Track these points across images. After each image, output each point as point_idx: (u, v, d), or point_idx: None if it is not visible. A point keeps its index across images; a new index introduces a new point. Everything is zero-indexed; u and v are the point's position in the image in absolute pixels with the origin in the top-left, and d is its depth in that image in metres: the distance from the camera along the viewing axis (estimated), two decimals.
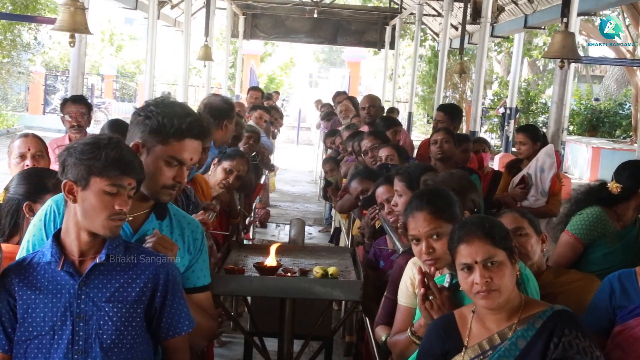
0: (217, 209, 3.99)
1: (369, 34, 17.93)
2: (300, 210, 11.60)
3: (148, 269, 2.19)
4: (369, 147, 5.53)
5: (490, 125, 21.78)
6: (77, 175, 2.12)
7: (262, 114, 8.01)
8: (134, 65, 31.60)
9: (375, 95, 7.67)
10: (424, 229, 2.62)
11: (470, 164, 5.82)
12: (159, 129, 2.30)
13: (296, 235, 4.77)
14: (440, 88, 11.64)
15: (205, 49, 11.04)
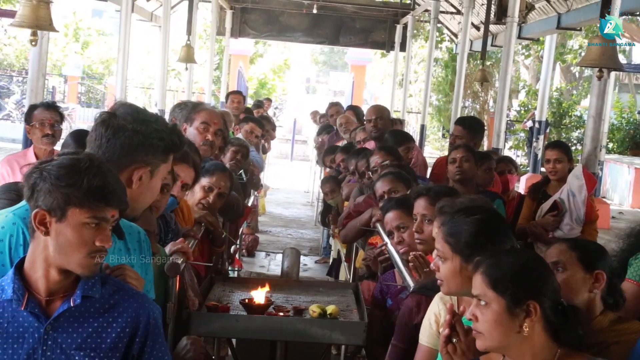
0: (198, 235, 4.01)
1: (377, 34, 18.03)
2: (294, 237, 11.59)
3: (127, 310, 2.18)
4: (379, 164, 5.55)
5: (516, 141, 21.86)
6: (52, 204, 2.07)
7: (254, 128, 8.03)
8: (103, 65, 31.70)
9: (382, 105, 7.71)
10: (436, 246, 2.77)
11: (493, 186, 5.85)
12: (170, 148, 2.51)
13: (290, 266, 4.77)
14: (459, 97, 11.71)
15: (187, 49, 11.10)
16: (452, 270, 2.70)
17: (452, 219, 2.75)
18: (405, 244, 3.89)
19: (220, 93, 18.46)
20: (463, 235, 2.69)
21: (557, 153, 5.78)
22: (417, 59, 24.89)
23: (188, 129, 4.89)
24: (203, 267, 4.32)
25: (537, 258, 2.44)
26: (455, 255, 2.69)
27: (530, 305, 2.28)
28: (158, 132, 2.45)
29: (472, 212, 2.77)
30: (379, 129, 6.81)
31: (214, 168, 4.62)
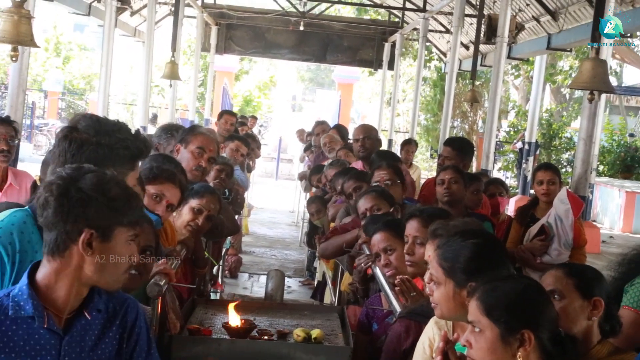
0: (181, 256, 4.00)
1: (364, 52, 18.14)
2: (279, 258, 11.58)
3: (125, 316, 2.30)
4: (352, 190, 5.58)
5: (505, 162, 21.98)
6: (100, 224, 2.12)
7: (239, 146, 8.03)
8: (84, 80, 31.69)
9: (370, 125, 7.74)
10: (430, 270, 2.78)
11: (482, 208, 5.88)
12: (137, 156, 2.56)
13: (274, 289, 4.76)
14: (447, 117, 11.77)
15: (171, 65, 11.12)
16: (444, 295, 2.70)
17: (448, 243, 2.75)
18: (393, 266, 3.89)
19: (205, 110, 18.48)
20: (458, 260, 2.69)
21: (550, 174, 5.81)
22: (406, 78, 25.00)
23: (182, 150, 4.90)
24: (185, 288, 4.31)
25: (535, 286, 2.41)
26: (448, 280, 2.69)
27: (524, 334, 2.27)
28: (123, 142, 2.46)
29: (468, 235, 2.76)
30: (366, 149, 6.82)
31: (204, 190, 4.63)
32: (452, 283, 2.67)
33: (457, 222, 3.06)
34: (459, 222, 3.10)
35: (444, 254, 2.72)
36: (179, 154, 4.94)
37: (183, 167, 4.60)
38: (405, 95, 25.65)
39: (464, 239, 2.73)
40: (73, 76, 31.80)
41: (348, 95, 26.89)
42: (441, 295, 2.70)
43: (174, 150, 5.02)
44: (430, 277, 2.79)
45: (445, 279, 2.69)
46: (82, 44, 34.61)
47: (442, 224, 2.98)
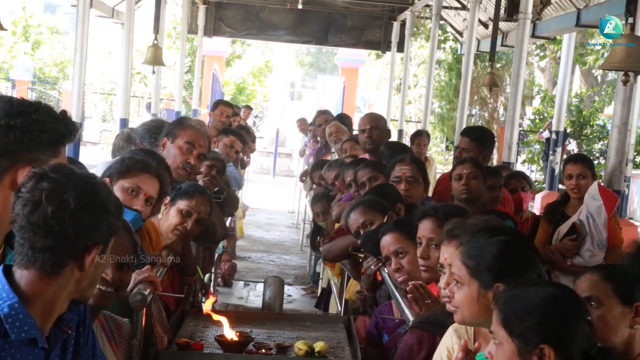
0: (168, 263, 4.01)
1: (371, 32, 18.12)
2: (277, 264, 11.59)
3: (81, 322, 2.35)
4: (366, 179, 5.59)
5: (530, 155, 21.97)
6: (103, 237, 2.20)
7: (234, 141, 8.04)
8: (57, 68, 31.68)
9: (378, 114, 7.74)
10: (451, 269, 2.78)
11: (504, 205, 5.89)
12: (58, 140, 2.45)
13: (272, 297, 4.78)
14: (464, 104, 11.76)
15: (154, 50, 11.11)
16: (468, 297, 2.70)
17: (473, 239, 2.75)
18: (404, 271, 3.90)
19: (192, 99, 18.46)
20: (485, 257, 2.69)
21: (580, 167, 5.82)
22: (417, 61, 24.98)
23: (168, 145, 4.92)
24: (173, 299, 4.32)
25: (561, 295, 2.36)
26: (473, 279, 2.69)
27: (544, 350, 2.26)
28: (39, 124, 2.37)
29: (496, 232, 2.77)
30: (374, 140, 6.82)
31: (193, 190, 4.64)
32: (477, 283, 2.68)
33: (475, 221, 3.06)
34: (477, 220, 3.11)
35: (469, 251, 2.72)
36: (165, 149, 4.95)
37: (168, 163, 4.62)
38: (417, 80, 25.64)
39: (490, 235, 2.73)
40: (44, 63, 31.78)
41: (353, 81, 26.86)
42: (464, 296, 2.70)
43: (159, 145, 5.03)
44: (449, 279, 2.80)
45: (469, 278, 2.69)
46: (54, 26, 34.55)
47: (459, 223, 2.99)
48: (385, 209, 4.82)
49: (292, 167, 23.66)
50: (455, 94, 21.40)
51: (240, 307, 8.55)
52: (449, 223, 3.06)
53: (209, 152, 5.32)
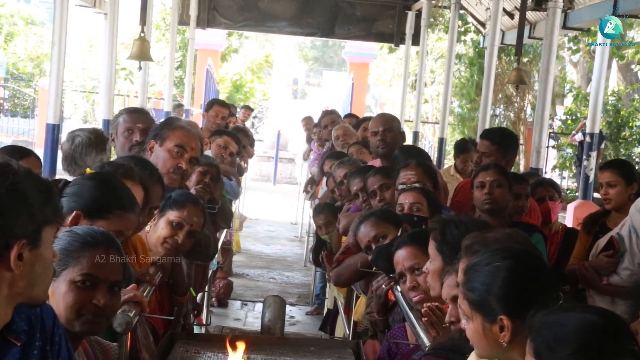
0: (155, 281, 4.02)
1: (382, 23, 18.12)
2: (278, 282, 11.60)
3: (38, 328, 2.37)
4: (377, 188, 5.61)
5: (561, 159, 21.95)
6: (28, 230, 2.16)
7: (228, 142, 8.04)
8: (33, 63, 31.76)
9: (391, 114, 7.75)
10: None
11: (530, 216, 5.88)
12: None
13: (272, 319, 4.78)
14: (487, 103, 11.77)
15: (141, 43, 11.12)
16: (475, 332, 2.70)
17: (473, 268, 2.74)
18: (421, 290, 3.90)
19: (184, 98, 18.49)
20: (484, 288, 2.68)
21: (608, 175, 5.80)
22: (435, 55, 25.00)
23: (156, 148, 4.93)
24: (161, 321, 4.33)
25: (605, 323, 2.21)
26: (475, 313, 2.69)
27: None
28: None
29: (496, 256, 2.72)
30: (387, 144, 6.82)
31: (185, 199, 4.65)
32: (480, 317, 2.67)
33: (497, 234, 3.07)
34: (499, 234, 3.11)
35: (468, 283, 2.72)
36: (153, 153, 4.96)
37: None
38: (434, 76, 25.65)
39: (489, 262, 2.71)
40: (18, 58, 31.85)
41: (362, 78, 26.88)
42: (472, 332, 2.71)
43: (147, 149, 5.04)
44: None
45: (472, 312, 2.69)
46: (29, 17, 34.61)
47: (478, 238, 2.99)
48: (399, 221, 4.83)
49: (294, 173, 23.67)
50: (477, 92, 21.40)
51: (236, 330, 8.55)
52: (467, 237, 3.05)
53: (201, 155, 5.33)
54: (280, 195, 20.77)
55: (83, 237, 2.95)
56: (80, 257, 2.90)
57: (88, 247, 2.93)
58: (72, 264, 2.89)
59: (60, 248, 2.92)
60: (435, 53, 24.95)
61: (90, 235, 2.98)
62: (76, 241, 2.94)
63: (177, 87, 23.89)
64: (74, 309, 2.83)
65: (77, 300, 2.84)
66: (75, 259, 2.90)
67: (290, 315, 9.45)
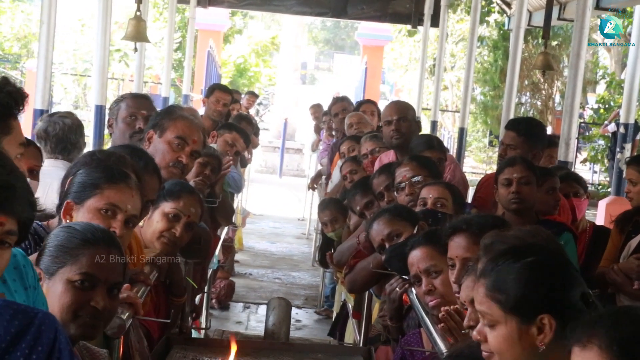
0: (150, 281, 4.02)
1: (399, 3, 18.08)
2: (284, 283, 11.61)
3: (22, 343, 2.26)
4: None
5: (593, 152, 21.90)
6: None
7: (236, 139, 7.98)
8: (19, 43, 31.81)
9: (406, 102, 7.73)
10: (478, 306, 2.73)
11: (559, 213, 5.87)
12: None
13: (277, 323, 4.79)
14: (512, 90, 11.74)
15: (136, 22, 11.12)
16: (507, 338, 2.66)
17: (497, 268, 2.72)
18: (437, 294, 3.90)
19: (183, 83, 18.50)
20: (518, 287, 2.66)
21: (631, 172, 5.80)
22: (455, 38, 24.98)
23: (155, 139, 4.93)
24: (156, 324, 4.34)
25: None
26: (509, 316, 2.65)
27: None
28: None
29: (522, 253, 2.73)
30: (402, 134, 6.81)
31: (180, 189, 4.66)
32: (516, 320, 2.65)
33: (518, 232, 3.07)
34: (520, 231, 3.11)
35: (496, 284, 2.69)
36: (151, 144, 4.96)
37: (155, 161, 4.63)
38: (454, 61, 25.63)
39: (517, 259, 2.70)
40: (3, 37, 31.88)
41: (377, 62, 26.85)
42: (501, 338, 2.67)
43: (145, 139, 5.05)
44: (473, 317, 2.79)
45: (504, 315, 2.66)
46: None
47: (499, 236, 2.98)
48: (415, 218, 4.82)
49: (302, 165, 23.66)
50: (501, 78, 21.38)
51: (238, 335, 8.56)
52: (486, 237, 3.05)
53: (203, 148, 5.33)
54: (287, 189, 20.76)
55: (83, 233, 2.96)
56: (79, 255, 2.91)
57: (88, 244, 2.94)
58: (70, 262, 2.90)
59: (57, 244, 2.93)
60: (456, 35, 24.94)
61: (90, 231, 2.98)
62: (75, 238, 2.95)
63: (176, 70, 23.90)
64: (70, 311, 2.84)
65: (74, 301, 2.83)
66: (74, 257, 2.90)
67: (296, 319, 9.46)
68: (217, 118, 9.31)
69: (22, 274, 2.59)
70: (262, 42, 34.32)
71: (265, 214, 16.82)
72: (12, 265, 2.58)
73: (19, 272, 2.60)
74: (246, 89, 25.37)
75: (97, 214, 3.53)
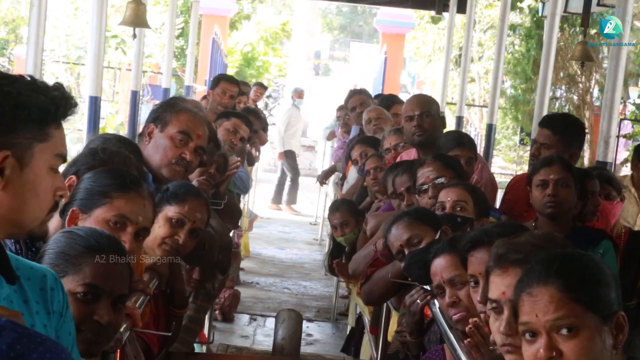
0: (150, 290, 4.04)
1: None
2: (294, 293, 11.62)
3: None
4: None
5: None
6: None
7: (237, 125, 7.98)
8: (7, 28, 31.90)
9: (429, 96, 7.75)
10: (546, 316, 2.65)
11: (598, 220, 5.86)
12: (47, 115, 2.45)
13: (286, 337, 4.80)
14: (546, 83, 11.72)
15: (135, 6, 11.15)
16: (596, 343, 2.59)
17: (571, 262, 2.70)
18: (462, 306, 3.90)
19: (186, 73, 18.54)
20: (601, 280, 2.65)
21: None
22: (484, 25, 24.95)
23: (155, 134, 4.95)
24: (156, 337, 4.35)
25: None
26: (591, 316, 2.60)
27: None
28: (11, 98, 2.38)
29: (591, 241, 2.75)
30: (425, 130, 6.80)
31: (185, 192, 4.66)
32: (596, 319, 2.60)
33: (529, 239, 3.07)
34: (532, 237, 3.12)
35: (579, 281, 2.64)
36: (152, 140, 4.98)
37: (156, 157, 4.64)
38: (482, 51, 25.59)
39: (585, 249, 2.72)
40: None
41: (397, 52, 26.86)
42: (586, 343, 2.59)
43: (145, 134, 5.06)
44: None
45: (587, 316, 2.60)
46: None
47: (510, 244, 2.99)
48: (437, 223, 4.82)
49: (315, 163, 23.68)
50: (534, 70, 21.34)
51: (244, 350, 8.59)
52: (497, 245, 3.05)
53: (208, 144, 5.34)
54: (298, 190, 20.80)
55: (86, 239, 2.97)
56: (82, 264, 2.92)
57: (92, 252, 2.95)
58: (73, 271, 2.90)
59: (58, 251, 2.93)
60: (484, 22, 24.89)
61: (94, 238, 2.99)
62: (77, 244, 2.95)
63: (178, 59, 23.92)
64: None
65: (76, 314, 2.80)
66: (77, 266, 2.91)
67: (307, 332, 9.47)
68: (221, 111, 9.26)
69: (46, 296, 2.57)
70: (272, 28, 34.31)
71: (273, 217, 16.85)
72: (38, 286, 2.57)
73: (44, 294, 2.57)
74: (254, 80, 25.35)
75: (105, 226, 3.52)
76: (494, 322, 3.00)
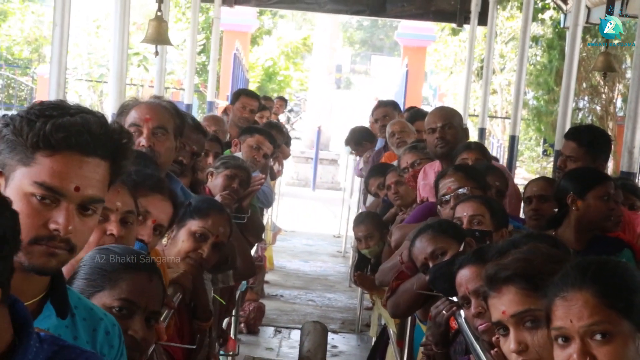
0: (174, 304, 4.04)
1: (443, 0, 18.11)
2: (319, 305, 11.61)
3: None
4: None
5: None
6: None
7: (261, 141, 7.96)
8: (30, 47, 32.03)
9: (451, 108, 7.73)
10: (580, 322, 2.65)
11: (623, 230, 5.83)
12: (15, 138, 2.40)
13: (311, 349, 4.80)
14: (569, 94, 11.69)
15: (157, 24, 11.18)
16: (627, 347, 2.59)
17: (610, 268, 2.70)
18: (488, 317, 3.89)
19: (208, 90, 18.58)
20: (632, 284, 2.65)
21: None
22: (505, 37, 24.92)
23: None
24: (181, 350, 4.35)
25: None
26: (626, 323, 2.60)
27: None
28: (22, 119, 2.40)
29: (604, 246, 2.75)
30: (447, 142, 6.79)
31: (208, 206, 4.67)
32: (630, 326, 2.61)
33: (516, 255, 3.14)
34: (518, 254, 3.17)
35: (611, 285, 2.63)
36: None
37: None
38: (504, 62, 25.57)
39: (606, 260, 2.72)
40: (13, 41, 32.10)
41: (419, 65, 26.84)
42: (623, 351, 2.59)
43: None
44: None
45: (621, 323, 2.60)
46: None
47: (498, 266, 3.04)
48: (461, 235, 4.81)
49: (337, 177, 23.69)
50: (557, 81, 21.29)
51: None
52: (487, 268, 3.08)
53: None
54: (321, 203, 20.80)
55: (123, 257, 2.98)
56: (119, 279, 2.93)
57: (129, 269, 2.97)
58: (109, 286, 2.92)
59: (94, 267, 2.94)
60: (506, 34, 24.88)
61: (131, 255, 3.01)
62: (114, 261, 2.97)
63: (200, 75, 24.00)
64: None
65: None
66: (113, 282, 2.92)
67: (332, 344, 9.45)
68: (244, 125, 9.26)
69: (97, 338, 2.59)
70: (293, 43, 34.39)
71: (297, 230, 16.84)
72: (92, 328, 2.59)
73: (96, 335, 2.59)
74: (275, 94, 25.39)
75: None
76: (504, 345, 3.00)
